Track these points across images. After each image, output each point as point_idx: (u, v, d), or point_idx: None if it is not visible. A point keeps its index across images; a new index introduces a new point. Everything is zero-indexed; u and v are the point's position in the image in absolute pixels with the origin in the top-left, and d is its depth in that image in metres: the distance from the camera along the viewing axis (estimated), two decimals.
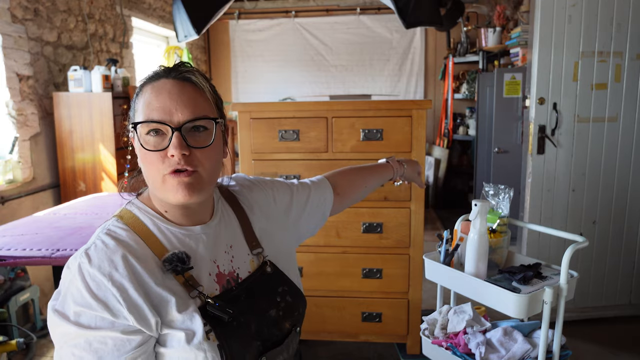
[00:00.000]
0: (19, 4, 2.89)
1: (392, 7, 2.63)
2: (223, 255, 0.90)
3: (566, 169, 2.51)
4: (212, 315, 0.80)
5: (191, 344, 0.77)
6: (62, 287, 0.78)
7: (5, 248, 1.68)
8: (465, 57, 5.30)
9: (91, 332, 0.74)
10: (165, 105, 0.80)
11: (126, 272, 0.76)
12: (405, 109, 2.08)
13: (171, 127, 0.79)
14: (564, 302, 1.38)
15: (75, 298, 0.75)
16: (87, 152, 3.18)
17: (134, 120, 0.83)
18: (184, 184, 0.80)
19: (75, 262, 0.78)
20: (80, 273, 0.76)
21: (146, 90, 0.82)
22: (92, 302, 0.74)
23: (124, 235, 0.81)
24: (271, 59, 5.98)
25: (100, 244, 0.79)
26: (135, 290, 0.76)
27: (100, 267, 0.76)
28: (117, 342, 0.75)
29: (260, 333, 0.86)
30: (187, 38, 2.88)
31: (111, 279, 0.75)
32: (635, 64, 2.45)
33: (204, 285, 0.83)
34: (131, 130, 0.84)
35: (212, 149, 0.83)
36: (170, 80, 0.82)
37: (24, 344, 2.01)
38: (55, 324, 0.76)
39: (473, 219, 1.45)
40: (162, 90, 0.81)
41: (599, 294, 2.63)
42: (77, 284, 0.75)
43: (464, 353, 1.49)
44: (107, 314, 0.74)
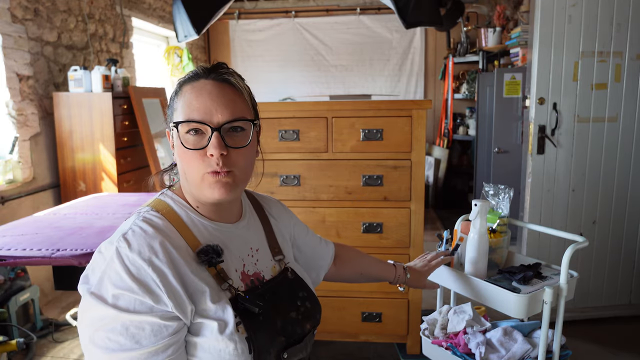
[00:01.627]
0: (19, 4, 2.89)
1: (392, 7, 2.63)
2: (248, 256, 0.93)
3: (566, 169, 2.51)
4: (242, 308, 0.82)
5: (224, 334, 0.79)
6: (95, 271, 0.78)
7: (5, 248, 1.68)
8: (465, 57, 5.30)
9: (129, 315, 0.74)
10: (205, 105, 0.83)
11: (165, 259, 0.77)
12: (405, 109, 2.08)
13: (211, 127, 0.82)
14: (564, 302, 1.38)
15: (114, 281, 0.75)
16: (87, 152, 3.18)
17: (173, 118, 0.86)
18: (222, 182, 0.83)
19: (112, 246, 0.78)
20: (119, 257, 0.76)
21: (186, 90, 0.85)
22: (133, 286, 0.74)
23: (161, 223, 0.83)
24: (271, 59, 5.98)
25: (139, 229, 0.80)
26: (174, 277, 0.77)
27: (140, 252, 0.76)
28: (154, 328, 0.75)
29: (285, 330, 0.89)
30: (187, 38, 2.88)
31: (151, 264, 0.76)
32: (635, 64, 2.45)
33: (232, 280, 0.86)
34: (171, 128, 0.86)
35: (248, 149, 0.87)
36: (210, 81, 0.85)
37: (24, 344, 2.01)
38: (89, 306, 0.76)
39: (473, 219, 1.45)
40: (202, 90, 0.84)
41: (599, 294, 2.63)
42: (116, 267, 0.75)
43: (464, 353, 1.49)
44: (148, 298, 0.74)
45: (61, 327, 2.70)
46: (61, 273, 1.98)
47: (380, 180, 2.12)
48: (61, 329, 2.68)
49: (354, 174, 2.13)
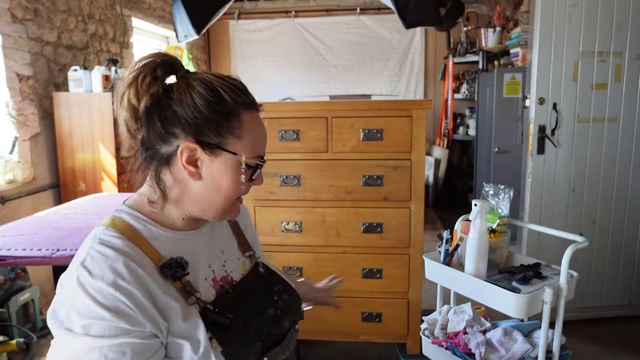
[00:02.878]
0: (19, 4, 2.89)
1: (392, 7, 2.63)
2: (216, 260, 0.91)
3: (566, 169, 2.51)
4: (212, 322, 0.79)
5: (198, 353, 0.76)
6: (61, 306, 0.73)
7: (5, 248, 1.68)
8: (465, 57, 5.30)
9: (105, 341, 0.69)
10: (263, 140, 0.86)
11: (131, 279, 0.73)
12: (405, 109, 2.08)
13: (263, 160, 0.86)
14: (563, 302, 1.39)
15: (81, 312, 0.70)
16: (87, 152, 3.18)
17: (229, 141, 0.80)
18: (240, 205, 0.89)
19: (72, 277, 0.72)
20: (81, 287, 0.71)
21: (249, 120, 0.82)
22: (103, 313, 0.69)
23: (120, 243, 0.76)
24: (271, 59, 5.98)
25: (97, 254, 0.74)
26: (143, 295, 0.73)
27: (103, 277, 0.71)
28: (135, 348, 0.71)
29: (260, 334, 0.86)
30: (187, 38, 2.88)
31: (117, 287, 0.71)
32: (635, 64, 2.45)
33: (201, 290, 0.83)
34: (243, 162, 0.81)
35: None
36: (257, 113, 0.85)
37: (24, 344, 2.01)
38: (61, 342, 0.71)
39: (473, 219, 1.45)
40: (259, 125, 0.85)
41: (599, 294, 2.63)
42: (81, 298, 0.70)
43: (464, 353, 1.49)
44: (122, 321, 0.70)
45: None
46: (61, 273, 1.98)
47: (380, 180, 2.12)
48: None
49: (354, 174, 2.13)
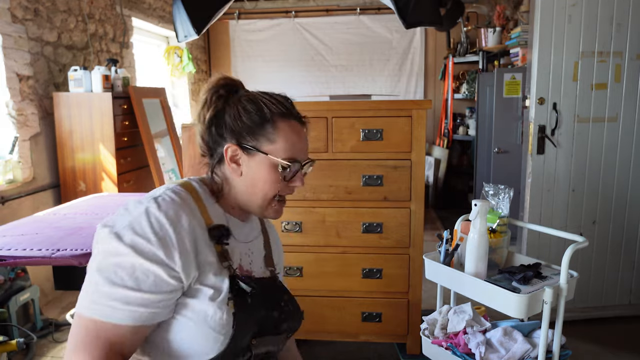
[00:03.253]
0: (19, 4, 2.89)
1: (392, 7, 2.63)
2: (245, 256, 1.03)
3: (566, 169, 2.51)
4: (236, 289, 0.92)
5: (215, 301, 0.88)
6: (119, 220, 0.86)
7: (5, 248, 1.68)
8: (465, 57, 5.30)
9: (140, 259, 0.82)
10: (303, 148, 0.99)
11: (187, 226, 0.87)
12: (405, 109, 2.08)
13: (302, 164, 1.00)
14: (563, 302, 1.39)
15: (136, 230, 0.84)
16: (87, 152, 3.18)
17: (264, 145, 0.96)
18: (281, 210, 1.02)
19: (141, 205, 0.87)
20: (146, 214, 0.85)
21: (284, 127, 0.96)
22: (151, 237, 0.83)
23: (187, 197, 0.93)
24: (271, 59, 5.98)
25: (169, 197, 0.90)
26: (190, 243, 0.87)
27: (167, 214, 0.86)
28: (157, 280, 0.83)
29: (262, 322, 0.97)
30: (187, 38, 2.88)
31: (174, 226, 0.85)
32: (635, 64, 2.45)
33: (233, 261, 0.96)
34: (280, 164, 0.96)
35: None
36: (299, 123, 1.00)
37: (24, 344, 2.01)
38: (107, 240, 0.84)
39: (473, 219, 1.45)
40: (299, 133, 0.99)
41: (599, 294, 2.63)
42: (142, 220, 0.85)
43: (464, 353, 1.49)
44: (162, 252, 0.83)
45: (61, 327, 2.70)
46: (61, 273, 1.98)
47: (380, 180, 2.12)
48: (61, 329, 2.68)
49: (354, 174, 2.13)
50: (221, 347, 0.89)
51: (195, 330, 0.87)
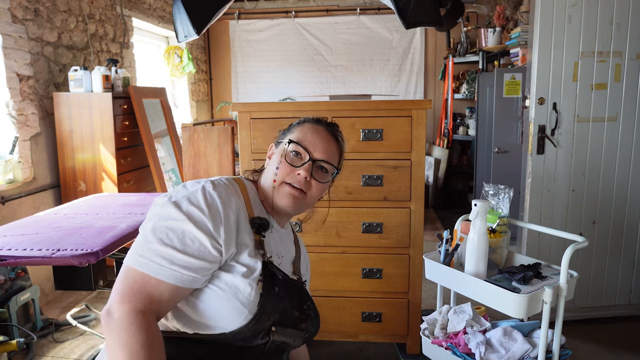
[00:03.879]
0: (19, 4, 2.89)
1: (392, 7, 2.63)
2: (276, 257, 1.11)
3: (566, 169, 2.51)
4: (267, 274, 1.01)
5: (247, 278, 0.98)
6: (177, 194, 0.98)
7: (5, 248, 1.68)
8: (465, 57, 5.30)
9: (191, 226, 0.93)
10: (315, 141, 1.11)
11: (234, 208, 1.00)
12: (405, 109, 2.08)
13: (310, 157, 1.10)
14: (563, 302, 1.39)
15: (192, 201, 0.96)
16: (87, 152, 3.18)
17: (287, 137, 1.13)
18: (293, 196, 1.08)
19: (199, 184, 1.00)
20: (203, 190, 0.98)
21: (307, 126, 1.15)
22: (204, 208, 0.95)
23: (237, 187, 1.07)
24: (271, 59, 5.98)
25: (223, 182, 1.04)
26: (234, 223, 0.99)
27: (220, 194, 0.99)
28: (202, 247, 0.94)
29: (284, 313, 1.06)
30: (187, 38, 2.88)
31: (224, 205, 0.98)
32: (635, 64, 2.45)
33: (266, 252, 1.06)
34: (285, 143, 1.11)
35: (323, 186, 1.13)
36: (325, 130, 1.15)
37: (24, 344, 2.01)
38: (165, 207, 0.96)
39: (473, 219, 1.45)
40: (318, 132, 1.14)
41: (599, 294, 2.63)
42: (198, 195, 0.97)
43: (463, 353, 1.49)
44: (211, 223, 0.94)
45: (61, 327, 2.70)
46: (61, 273, 1.98)
47: (380, 180, 2.12)
48: (61, 329, 2.68)
49: (354, 174, 2.13)
50: (244, 321, 0.97)
51: (224, 301, 0.96)
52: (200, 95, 5.88)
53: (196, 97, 5.74)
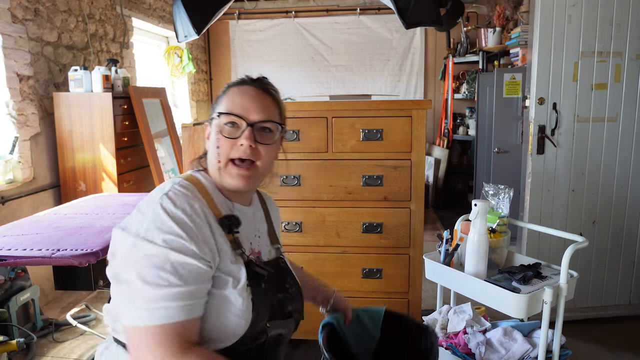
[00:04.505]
0: (19, 4, 2.89)
1: (392, 7, 2.63)
2: (254, 238, 1.08)
3: (566, 169, 2.51)
4: (252, 274, 0.97)
5: (236, 288, 0.93)
6: (138, 223, 0.89)
7: (5, 248, 1.68)
8: (465, 57, 5.30)
9: (179, 256, 0.86)
10: (245, 104, 1.00)
11: (203, 218, 0.92)
12: (405, 109, 2.08)
13: (246, 122, 0.99)
14: (563, 302, 1.39)
15: (163, 229, 0.87)
16: (87, 152, 3.18)
17: (216, 110, 1.02)
18: (242, 176, 0.99)
19: (154, 203, 0.90)
20: (164, 211, 0.89)
21: (232, 91, 1.03)
22: (180, 232, 0.87)
23: (194, 189, 0.97)
24: (271, 59, 5.98)
25: (179, 191, 0.93)
26: (209, 231, 0.92)
27: (184, 209, 0.90)
28: (199, 271, 0.88)
29: (272, 307, 1.02)
30: (187, 38, 2.88)
31: (193, 221, 0.90)
32: (635, 64, 2.45)
33: (245, 249, 1.01)
34: (215, 117, 1.01)
35: (272, 148, 1.03)
36: (253, 87, 1.04)
37: (24, 344, 2.01)
38: (139, 247, 0.87)
39: (473, 219, 1.45)
40: (245, 93, 1.02)
41: (599, 294, 2.63)
42: (163, 218, 0.88)
43: (464, 353, 1.49)
44: (193, 244, 0.88)
45: (61, 327, 2.70)
46: (61, 273, 1.98)
47: (380, 180, 2.12)
48: (61, 329, 2.68)
49: (354, 174, 2.13)
50: (242, 332, 0.94)
51: (220, 318, 0.93)
52: (200, 95, 5.88)
53: (196, 97, 5.74)
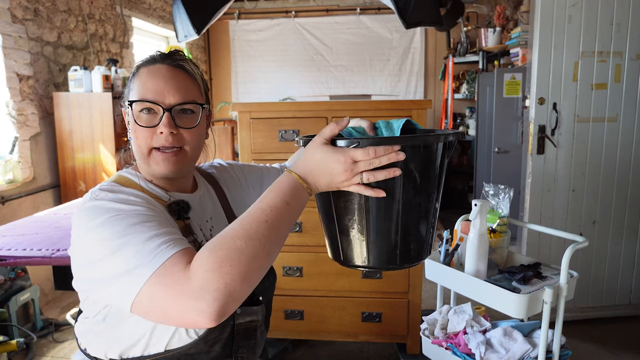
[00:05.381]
0: (19, 4, 2.89)
1: (392, 7, 2.63)
2: (205, 224, 0.99)
3: (566, 169, 2.51)
4: None
5: None
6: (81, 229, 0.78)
7: (5, 248, 1.68)
8: (465, 57, 5.30)
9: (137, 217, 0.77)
10: (158, 87, 0.88)
11: (141, 200, 0.83)
12: (405, 109, 2.08)
13: (163, 107, 0.88)
14: (563, 302, 1.39)
15: (107, 210, 0.77)
16: (87, 152, 3.18)
17: (129, 97, 0.91)
18: (169, 160, 0.89)
19: (87, 205, 0.80)
20: (101, 200, 0.80)
21: (142, 72, 0.90)
22: (127, 206, 0.78)
23: (122, 187, 0.88)
24: (271, 59, 5.98)
25: (108, 185, 0.86)
26: (158, 208, 0.84)
27: (122, 191, 0.84)
28: (163, 219, 0.80)
29: None
30: (187, 38, 2.88)
31: (138, 196, 0.83)
32: (635, 64, 2.45)
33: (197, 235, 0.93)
34: (127, 106, 0.90)
35: (197, 130, 0.92)
36: (165, 65, 0.91)
37: (24, 344, 2.01)
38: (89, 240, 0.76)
39: (473, 219, 1.45)
40: (157, 74, 0.89)
41: (599, 294, 2.63)
42: (103, 205, 0.79)
43: (464, 353, 1.49)
44: (147, 210, 0.80)
45: (61, 327, 2.70)
46: (61, 273, 1.98)
47: None
48: (61, 329, 2.68)
49: None
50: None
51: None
52: None
53: None
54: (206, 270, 0.68)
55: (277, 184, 0.79)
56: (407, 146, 0.79)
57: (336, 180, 0.79)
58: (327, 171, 0.78)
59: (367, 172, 0.78)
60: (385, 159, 0.77)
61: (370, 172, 0.78)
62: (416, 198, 0.86)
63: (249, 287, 0.72)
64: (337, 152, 0.78)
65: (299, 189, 0.79)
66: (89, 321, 0.90)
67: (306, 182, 0.79)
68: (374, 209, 0.82)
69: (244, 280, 0.71)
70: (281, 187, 0.78)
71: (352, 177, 0.78)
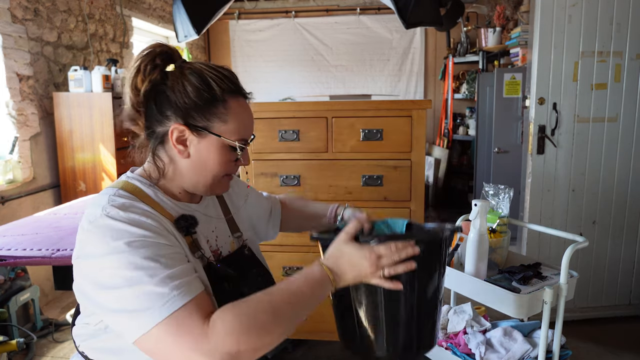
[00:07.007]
0: (19, 4, 2.89)
1: (392, 7, 2.63)
2: (211, 234, 1.01)
3: (566, 169, 2.51)
4: (214, 280, 0.89)
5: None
6: (92, 243, 0.80)
7: (5, 248, 1.68)
8: (465, 57, 5.30)
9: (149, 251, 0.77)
10: (249, 126, 0.96)
11: (156, 216, 0.84)
12: (405, 109, 2.08)
13: (248, 142, 0.96)
14: (563, 302, 1.39)
15: (120, 236, 0.77)
16: (87, 152, 3.18)
17: (215, 126, 0.90)
18: (228, 185, 0.98)
19: (100, 218, 0.80)
20: (113, 219, 0.79)
21: (234, 106, 0.92)
22: (139, 232, 0.78)
23: (135, 199, 0.86)
24: (271, 59, 5.98)
25: (119, 198, 0.84)
26: (166, 230, 0.84)
27: (134, 211, 0.82)
28: (176, 255, 0.81)
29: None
30: (187, 38, 2.88)
31: (148, 217, 0.82)
32: (635, 64, 2.45)
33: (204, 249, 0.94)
34: (232, 141, 0.91)
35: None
36: (245, 101, 0.96)
37: (24, 344, 2.01)
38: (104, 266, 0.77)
39: (473, 219, 1.45)
40: (246, 110, 0.95)
41: (599, 294, 2.63)
42: (116, 226, 0.78)
43: (464, 353, 1.49)
44: (159, 238, 0.80)
45: (61, 327, 2.70)
46: (61, 273, 1.98)
47: (380, 180, 2.12)
48: (61, 329, 2.68)
49: (354, 174, 2.13)
50: None
51: None
52: None
53: None
54: (226, 333, 0.73)
55: (310, 273, 0.88)
56: (421, 241, 0.91)
57: (362, 274, 0.89)
58: (354, 266, 0.89)
59: (388, 267, 0.89)
60: (404, 254, 0.89)
61: (391, 266, 0.89)
62: (426, 290, 0.97)
63: (256, 357, 0.77)
64: (364, 249, 0.89)
65: (327, 281, 0.88)
66: (89, 327, 0.90)
67: (333, 275, 0.89)
68: (387, 298, 0.94)
69: (255, 352, 0.76)
70: (313, 276, 0.88)
71: (377, 270, 0.88)
